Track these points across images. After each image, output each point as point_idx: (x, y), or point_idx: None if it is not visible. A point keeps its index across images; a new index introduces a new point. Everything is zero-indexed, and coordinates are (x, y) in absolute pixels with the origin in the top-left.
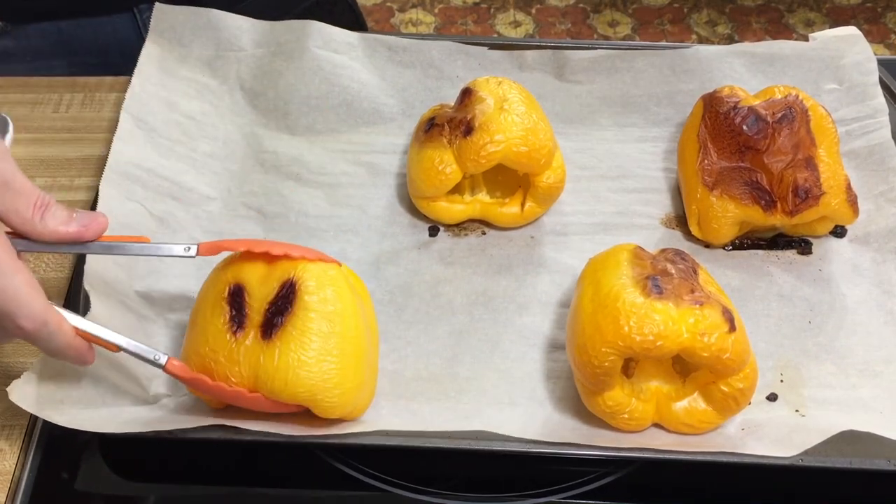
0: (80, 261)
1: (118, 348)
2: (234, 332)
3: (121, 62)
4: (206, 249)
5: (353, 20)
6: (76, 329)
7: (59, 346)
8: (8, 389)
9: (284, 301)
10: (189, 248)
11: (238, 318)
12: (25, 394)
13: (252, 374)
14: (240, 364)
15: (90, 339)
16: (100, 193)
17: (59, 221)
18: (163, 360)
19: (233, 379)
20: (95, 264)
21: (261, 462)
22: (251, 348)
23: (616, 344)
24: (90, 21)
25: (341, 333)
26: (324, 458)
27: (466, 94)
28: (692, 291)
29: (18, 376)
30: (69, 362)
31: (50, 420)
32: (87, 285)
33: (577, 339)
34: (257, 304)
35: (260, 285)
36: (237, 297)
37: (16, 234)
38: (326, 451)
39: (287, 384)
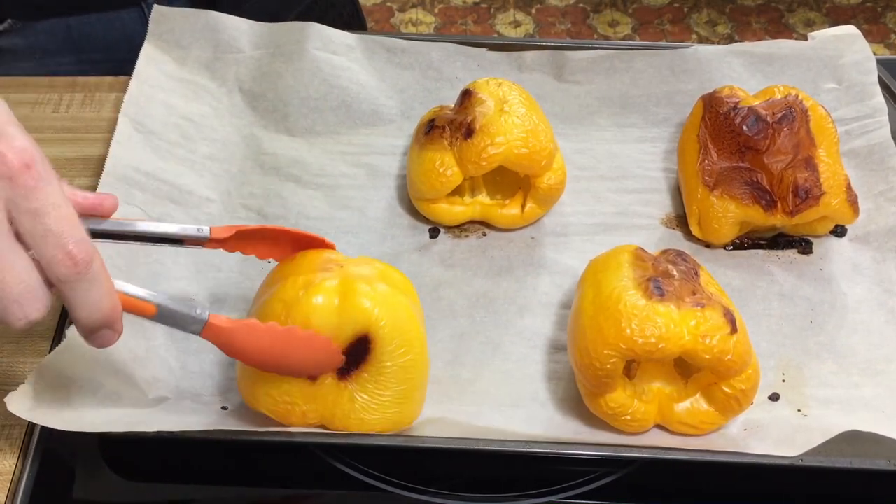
0: None
1: (156, 311)
2: (314, 378)
3: (129, 58)
4: (218, 232)
5: (354, 13)
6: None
7: (100, 296)
8: (6, 400)
9: (360, 351)
10: (201, 230)
11: None
12: (23, 403)
13: (328, 412)
14: (315, 402)
15: (123, 301)
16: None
17: (77, 196)
18: (204, 315)
19: (309, 416)
20: None
21: (261, 462)
22: (328, 388)
23: (618, 346)
24: (99, 17)
25: (413, 378)
26: (324, 458)
27: (466, 95)
28: (693, 293)
29: (18, 376)
30: (99, 332)
31: (48, 425)
32: None
33: (578, 342)
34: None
35: (332, 329)
36: None
37: None
38: (326, 451)
39: (360, 424)
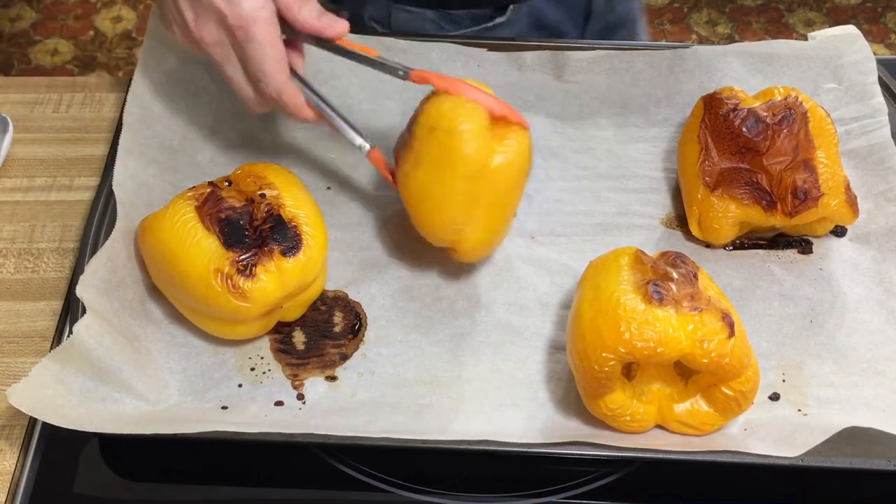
0: (79, 261)
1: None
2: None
3: None
4: (416, 77)
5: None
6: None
7: (292, 112)
8: (7, 392)
9: None
10: (402, 72)
11: None
12: (25, 397)
13: None
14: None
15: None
16: (117, 199)
17: (312, 15)
18: (366, 147)
19: None
20: (98, 265)
21: (261, 462)
22: None
23: (617, 349)
24: None
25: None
26: (324, 458)
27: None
28: (692, 297)
29: (19, 376)
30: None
31: (50, 422)
32: (79, 289)
33: (577, 344)
34: None
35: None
36: None
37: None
38: (326, 451)
39: None
